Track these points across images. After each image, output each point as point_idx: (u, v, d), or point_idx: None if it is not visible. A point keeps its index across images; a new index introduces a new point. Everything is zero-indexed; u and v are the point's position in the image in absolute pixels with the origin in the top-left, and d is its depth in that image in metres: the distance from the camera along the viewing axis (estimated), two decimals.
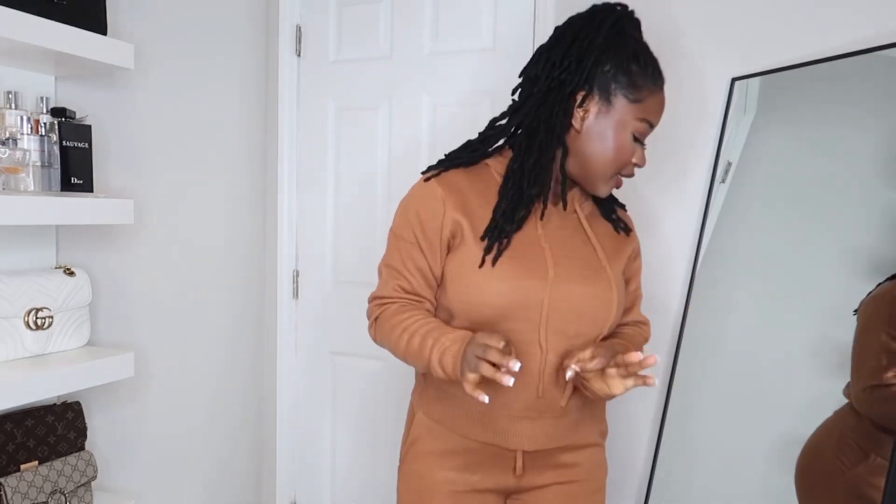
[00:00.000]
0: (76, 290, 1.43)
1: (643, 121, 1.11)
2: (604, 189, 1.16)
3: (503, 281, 1.08)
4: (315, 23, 2.02)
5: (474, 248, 1.10)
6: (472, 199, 1.13)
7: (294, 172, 2.06)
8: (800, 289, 1.38)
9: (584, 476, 1.21)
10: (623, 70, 1.10)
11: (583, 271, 1.13)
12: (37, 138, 1.31)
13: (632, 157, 1.13)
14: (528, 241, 1.12)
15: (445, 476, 1.18)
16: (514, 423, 1.14)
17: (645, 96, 1.10)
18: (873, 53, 1.29)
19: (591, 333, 1.13)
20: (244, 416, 2.04)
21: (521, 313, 1.09)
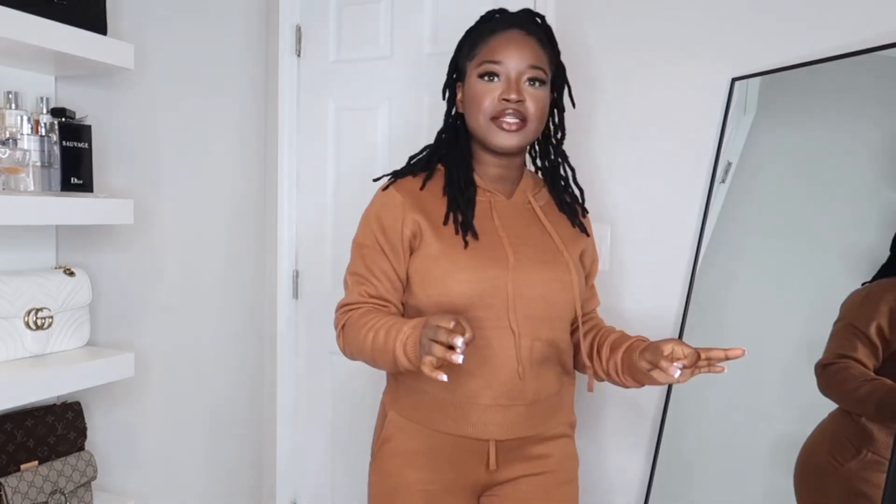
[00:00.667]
0: (76, 290, 1.43)
1: (484, 63, 1.17)
2: (494, 140, 1.18)
3: (466, 271, 1.13)
4: (315, 23, 2.02)
5: (435, 243, 1.15)
6: (428, 200, 1.19)
7: (294, 172, 2.06)
8: (800, 289, 1.38)
9: (555, 467, 1.23)
10: (468, 44, 1.22)
11: (541, 256, 1.18)
12: (37, 138, 1.31)
13: (490, 98, 1.16)
14: (486, 232, 1.17)
15: (417, 476, 1.19)
16: (485, 412, 1.16)
17: (479, 48, 1.19)
18: (873, 53, 1.29)
19: (559, 316, 1.18)
20: (244, 416, 2.04)
21: (487, 301, 1.13)
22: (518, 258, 1.16)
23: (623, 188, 1.64)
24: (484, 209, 1.20)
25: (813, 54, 1.40)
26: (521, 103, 1.16)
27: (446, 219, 1.16)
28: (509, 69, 1.16)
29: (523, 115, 1.16)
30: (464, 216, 1.16)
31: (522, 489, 1.21)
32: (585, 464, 1.72)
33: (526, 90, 1.16)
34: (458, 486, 1.20)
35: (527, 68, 1.16)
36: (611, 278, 1.67)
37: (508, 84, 1.16)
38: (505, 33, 1.18)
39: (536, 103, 1.17)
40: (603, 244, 1.67)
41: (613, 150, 1.65)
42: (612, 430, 1.68)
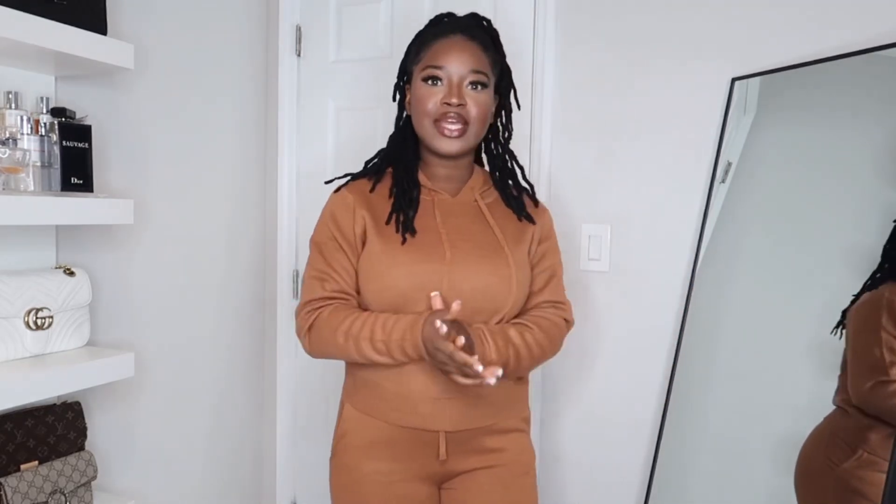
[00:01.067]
0: (76, 290, 1.43)
1: (427, 67, 1.22)
2: (438, 145, 1.22)
3: (403, 266, 1.18)
4: (315, 23, 2.02)
5: (377, 241, 1.21)
6: (376, 201, 1.25)
7: (294, 172, 2.06)
8: (800, 289, 1.38)
9: (510, 460, 1.26)
10: (414, 48, 1.27)
11: (480, 251, 1.22)
12: (37, 138, 1.31)
13: (433, 102, 1.21)
14: (426, 230, 1.22)
15: (374, 467, 1.22)
16: (433, 404, 1.19)
17: (424, 53, 1.24)
18: (873, 53, 1.29)
19: (497, 310, 1.21)
20: (244, 416, 2.04)
21: (423, 295, 1.16)
22: (455, 253, 1.20)
23: (623, 188, 1.64)
24: (426, 208, 1.25)
25: (813, 54, 1.40)
26: (463, 107, 1.20)
27: (389, 218, 1.22)
28: (451, 73, 1.20)
29: (465, 119, 1.21)
30: (405, 216, 1.21)
31: (479, 481, 1.24)
32: (586, 464, 1.72)
33: (468, 94, 1.21)
34: (415, 476, 1.23)
35: (468, 72, 1.20)
36: (611, 278, 1.67)
37: (450, 88, 1.20)
38: (448, 38, 1.22)
39: (478, 106, 1.21)
40: (603, 244, 1.67)
41: (613, 149, 1.65)
42: (612, 430, 1.68)
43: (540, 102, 1.71)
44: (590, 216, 1.68)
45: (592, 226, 1.68)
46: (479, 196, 1.29)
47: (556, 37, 1.70)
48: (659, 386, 1.61)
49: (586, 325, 1.70)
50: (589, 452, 1.72)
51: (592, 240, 1.68)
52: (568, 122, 1.70)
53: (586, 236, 1.69)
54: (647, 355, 1.62)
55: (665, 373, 1.60)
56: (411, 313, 1.16)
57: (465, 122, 1.21)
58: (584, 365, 1.71)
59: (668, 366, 1.58)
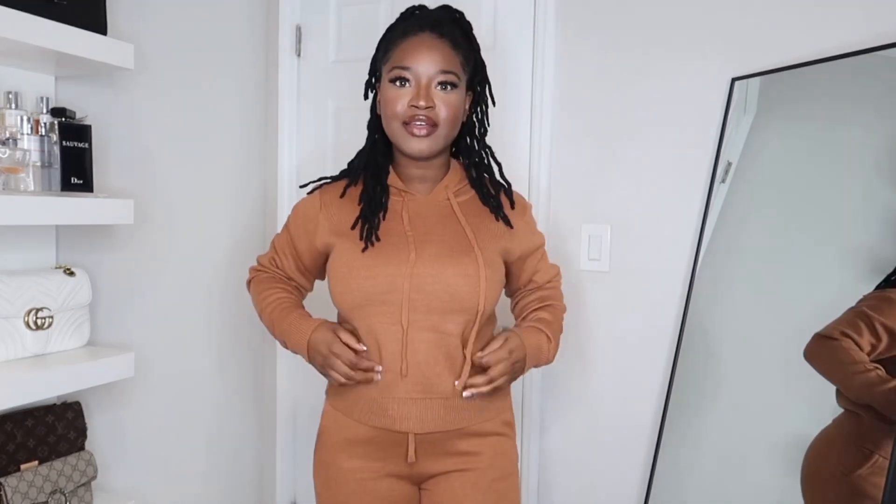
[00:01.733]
0: (76, 290, 1.43)
1: (394, 68, 1.19)
2: (407, 145, 1.21)
3: (367, 268, 1.18)
4: (315, 23, 2.01)
5: (342, 245, 1.22)
6: (345, 205, 1.26)
7: (294, 172, 2.06)
8: (800, 289, 1.38)
9: (487, 464, 1.24)
10: (383, 45, 1.25)
11: (448, 252, 1.20)
12: (37, 138, 1.31)
13: (401, 104, 1.19)
14: (393, 232, 1.22)
15: (352, 464, 1.24)
16: (401, 405, 1.20)
17: (392, 53, 1.21)
18: (873, 53, 1.29)
19: (463, 309, 1.19)
20: (244, 415, 2.04)
21: (385, 297, 1.17)
22: (420, 255, 1.19)
23: (623, 188, 1.64)
24: (395, 210, 1.25)
25: (813, 54, 1.40)
26: (431, 109, 1.18)
27: (354, 224, 1.22)
28: (419, 74, 1.18)
29: (434, 121, 1.18)
30: (369, 223, 1.21)
31: (453, 484, 1.24)
32: (586, 464, 1.72)
33: (437, 95, 1.18)
34: (391, 474, 1.24)
35: (437, 73, 1.18)
36: (611, 278, 1.67)
37: (418, 90, 1.18)
38: (417, 36, 1.19)
39: (448, 107, 1.19)
40: (603, 244, 1.67)
41: (613, 149, 1.65)
42: (611, 431, 1.68)
43: (540, 102, 1.71)
44: (590, 216, 1.68)
45: (592, 226, 1.68)
46: (453, 195, 1.27)
47: (557, 37, 1.70)
48: (659, 386, 1.61)
49: (586, 325, 1.70)
50: (588, 452, 1.72)
51: (592, 240, 1.68)
52: (568, 122, 1.70)
53: (586, 236, 1.69)
54: (647, 355, 1.62)
55: (665, 373, 1.60)
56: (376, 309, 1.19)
57: (433, 124, 1.18)
58: (584, 365, 1.71)
59: (668, 366, 1.58)
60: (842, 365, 1.26)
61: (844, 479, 1.23)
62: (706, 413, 1.52)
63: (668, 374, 1.58)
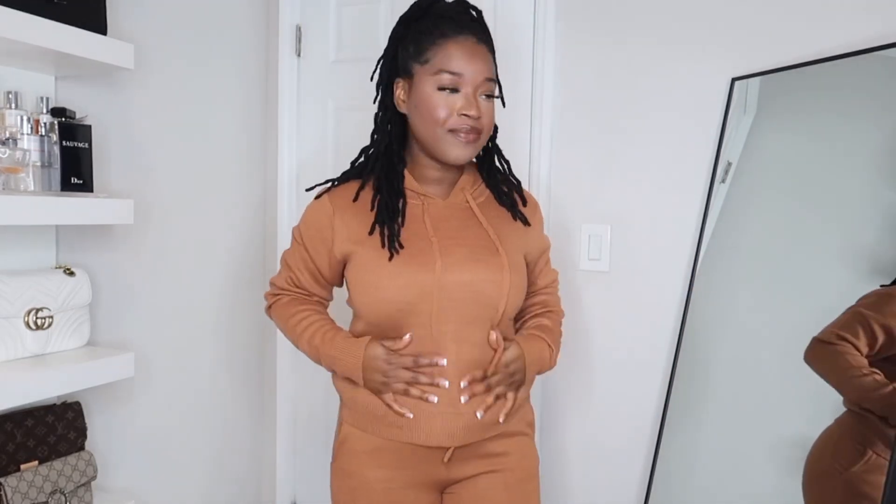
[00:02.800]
0: (76, 290, 1.43)
1: (438, 73, 1.14)
2: (452, 152, 1.17)
3: (394, 278, 1.14)
4: (315, 23, 2.01)
5: (365, 252, 1.17)
6: (362, 209, 1.20)
7: (294, 172, 2.06)
8: (800, 289, 1.38)
9: (514, 465, 1.24)
10: (413, 41, 1.18)
11: (473, 256, 1.18)
12: (37, 138, 1.31)
13: (448, 111, 1.14)
14: (416, 238, 1.17)
15: (376, 474, 1.20)
16: (433, 420, 1.16)
17: (431, 54, 1.15)
18: (873, 53, 1.29)
19: (487, 315, 1.18)
20: (244, 416, 2.04)
21: (415, 306, 1.14)
22: (446, 262, 1.15)
23: (623, 188, 1.64)
24: (416, 214, 1.20)
25: (813, 54, 1.40)
26: (479, 119, 1.16)
27: (372, 230, 1.17)
28: (467, 82, 1.14)
29: (478, 131, 1.16)
30: (390, 230, 1.16)
31: (481, 486, 1.22)
32: (586, 464, 1.72)
33: (481, 104, 1.16)
34: (418, 483, 1.21)
35: (483, 81, 1.15)
36: (611, 278, 1.67)
37: (468, 99, 1.15)
38: (460, 40, 1.15)
39: (488, 116, 1.18)
40: (603, 244, 1.67)
41: (613, 149, 1.65)
42: (612, 431, 1.68)
43: (540, 102, 1.71)
44: (590, 216, 1.68)
45: (592, 226, 1.68)
46: (471, 196, 1.25)
47: (557, 36, 1.70)
48: (659, 386, 1.61)
49: (586, 325, 1.70)
50: (588, 452, 1.72)
51: (592, 240, 1.68)
52: (568, 121, 1.70)
53: (586, 236, 1.69)
54: (647, 355, 1.62)
55: (665, 373, 1.60)
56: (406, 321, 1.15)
57: (478, 133, 1.16)
58: (584, 365, 1.71)
59: (668, 365, 1.58)
60: (839, 370, 1.26)
61: (839, 476, 1.24)
62: (706, 413, 1.52)
63: (668, 374, 1.58)
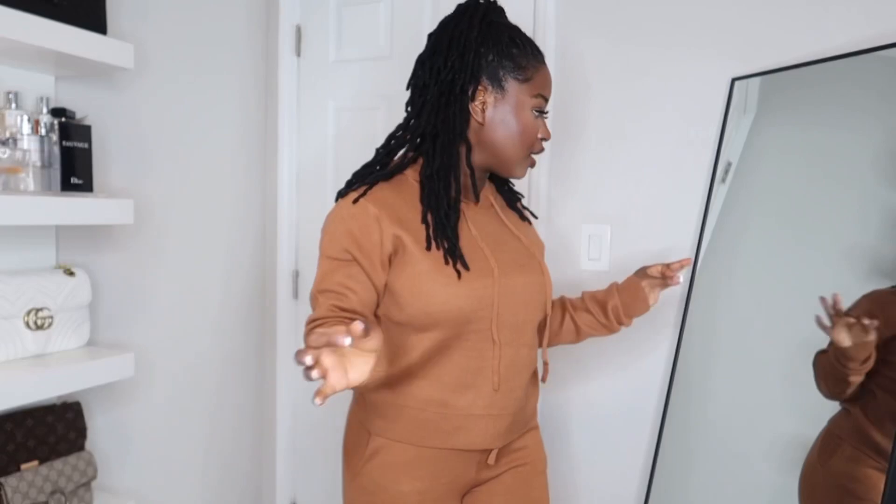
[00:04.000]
0: (76, 290, 1.43)
1: (538, 96, 1.16)
2: (520, 171, 1.20)
3: (456, 286, 1.09)
4: (315, 23, 2.02)
5: (422, 259, 1.09)
6: (405, 212, 1.12)
7: (294, 172, 2.06)
8: (800, 289, 1.38)
9: (532, 457, 1.26)
10: (505, 55, 1.14)
11: (518, 261, 1.19)
12: (37, 138, 1.31)
13: (537, 133, 1.17)
14: (466, 244, 1.14)
15: (413, 486, 1.14)
16: (476, 422, 1.15)
17: (532, 74, 1.15)
18: (873, 53, 1.29)
19: (536, 319, 1.21)
20: (244, 416, 2.04)
21: (477, 314, 1.12)
22: (500, 266, 1.15)
23: (623, 188, 1.64)
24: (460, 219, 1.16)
25: (813, 54, 1.40)
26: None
27: (428, 243, 1.10)
28: (546, 108, 1.19)
29: None
30: (450, 243, 1.10)
31: (507, 482, 1.23)
32: (586, 464, 1.72)
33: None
34: (451, 490, 1.18)
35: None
36: (611, 278, 1.66)
37: (545, 125, 1.19)
38: (545, 67, 1.18)
39: None
40: (603, 244, 1.67)
41: (613, 149, 1.65)
42: (612, 430, 1.68)
43: None
44: (590, 216, 1.69)
45: (592, 226, 1.68)
46: (494, 200, 1.26)
47: (556, 36, 1.70)
48: (659, 386, 1.61)
49: None
50: (588, 452, 1.72)
51: (592, 240, 1.68)
52: (568, 121, 1.70)
53: (586, 236, 1.69)
54: (646, 355, 1.63)
55: (665, 372, 1.60)
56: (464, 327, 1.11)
57: None
58: (584, 365, 1.71)
59: (669, 366, 1.58)
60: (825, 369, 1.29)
61: (821, 469, 1.26)
62: (706, 413, 1.52)
63: (668, 374, 1.58)
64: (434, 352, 1.12)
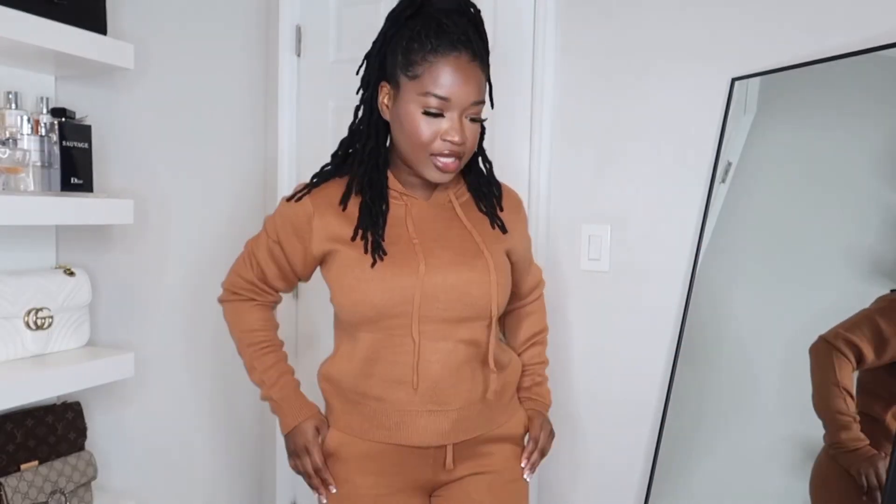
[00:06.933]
0: (76, 290, 1.43)
1: (425, 94, 1.08)
2: (428, 173, 1.13)
3: (377, 282, 1.12)
4: (315, 23, 2.02)
5: (347, 252, 1.15)
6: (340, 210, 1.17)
7: (294, 172, 2.06)
8: (800, 289, 1.38)
9: (500, 466, 1.24)
10: (402, 50, 1.11)
11: (458, 258, 1.16)
12: (37, 138, 1.31)
13: (431, 135, 1.09)
14: (398, 240, 1.15)
15: (366, 481, 1.19)
16: (416, 418, 1.16)
17: (422, 71, 1.08)
18: (873, 53, 1.29)
19: (477, 315, 1.17)
20: (244, 416, 2.04)
21: (397, 309, 1.12)
22: (430, 263, 1.14)
23: (623, 188, 1.64)
24: (398, 215, 1.18)
25: (813, 54, 1.40)
26: (464, 144, 1.11)
27: (355, 234, 1.14)
28: (454, 106, 1.09)
29: (461, 154, 1.12)
30: (373, 235, 1.13)
31: (467, 488, 1.22)
32: (586, 464, 1.72)
33: (466, 126, 1.11)
34: (409, 487, 1.20)
35: (470, 105, 1.10)
36: (611, 278, 1.67)
37: (452, 123, 1.09)
38: (450, 58, 1.07)
39: (474, 137, 1.13)
40: (603, 244, 1.67)
41: (613, 149, 1.65)
42: (612, 430, 1.68)
43: (540, 102, 1.71)
44: (590, 216, 1.69)
45: (592, 226, 1.68)
46: (454, 196, 1.22)
47: (557, 36, 1.70)
48: (659, 386, 1.61)
49: (586, 326, 1.70)
50: (588, 453, 1.72)
51: (592, 240, 1.68)
52: (568, 121, 1.70)
53: (586, 236, 1.69)
54: (647, 355, 1.62)
55: (665, 373, 1.60)
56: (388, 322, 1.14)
57: (459, 157, 1.12)
58: (584, 365, 1.71)
59: (668, 366, 1.58)
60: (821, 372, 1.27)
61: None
62: (706, 413, 1.52)
63: (668, 374, 1.58)
64: (370, 347, 1.16)
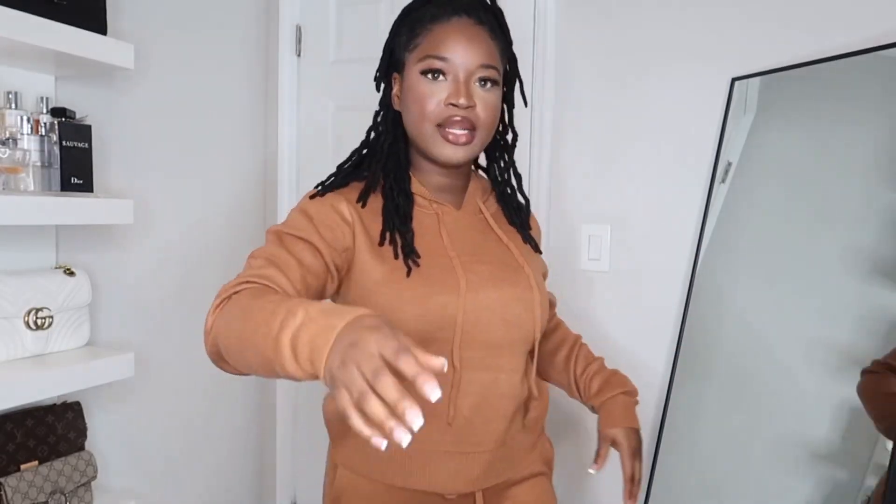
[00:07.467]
0: (76, 290, 1.43)
1: (427, 57, 0.99)
2: (439, 150, 1.00)
3: (411, 303, 0.96)
4: (315, 23, 2.02)
5: (375, 266, 0.98)
6: (368, 216, 1.01)
7: (294, 172, 2.06)
8: (800, 289, 1.38)
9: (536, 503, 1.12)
10: (406, 31, 1.03)
11: (499, 273, 1.03)
12: (37, 138, 1.31)
13: (435, 99, 0.98)
14: (433, 253, 1.00)
15: None
16: (444, 460, 1.01)
17: (422, 39, 1.00)
18: (873, 53, 1.29)
19: (521, 339, 1.04)
20: (244, 416, 2.04)
21: (437, 333, 0.97)
22: (470, 280, 0.99)
23: (623, 188, 1.64)
24: (431, 224, 1.03)
25: (813, 54, 1.40)
26: (471, 109, 0.98)
27: (382, 238, 0.99)
28: (457, 66, 0.98)
29: (472, 124, 0.99)
30: (402, 238, 0.98)
31: None
32: (586, 464, 1.72)
33: (476, 93, 0.99)
34: None
35: (477, 67, 0.98)
36: (611, 278, 1.67)
37: (457, 86, 0.98)
38: (451, 21, 0.99)
39: (487, 109, 1.00)
40: (603, 244, 1.67)
41: (613, 149, 1.65)
42: None
43: (540, 101, 1.71)
44: (590, 216, 1.69)
45: (592, 226, 1.68)
46: (483, 205, 1.10)
47: (557, 35, 1.70)
48: (659, 386, 1.61)
49: (586, 326, 1.69)
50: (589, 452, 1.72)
51: (592, 240, 1.68)
52: (568, 121, 1.70)
53: (586, 236, 1.69)
54: (647, 355, 1.62)
55: (665, 373, 1.60)
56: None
57: (472, 128, 0.99)
58: None
59: (668, 366, 1.58)
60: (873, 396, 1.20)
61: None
62: (706, 413, 1.52)
63: (668, 374, 1.58)
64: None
